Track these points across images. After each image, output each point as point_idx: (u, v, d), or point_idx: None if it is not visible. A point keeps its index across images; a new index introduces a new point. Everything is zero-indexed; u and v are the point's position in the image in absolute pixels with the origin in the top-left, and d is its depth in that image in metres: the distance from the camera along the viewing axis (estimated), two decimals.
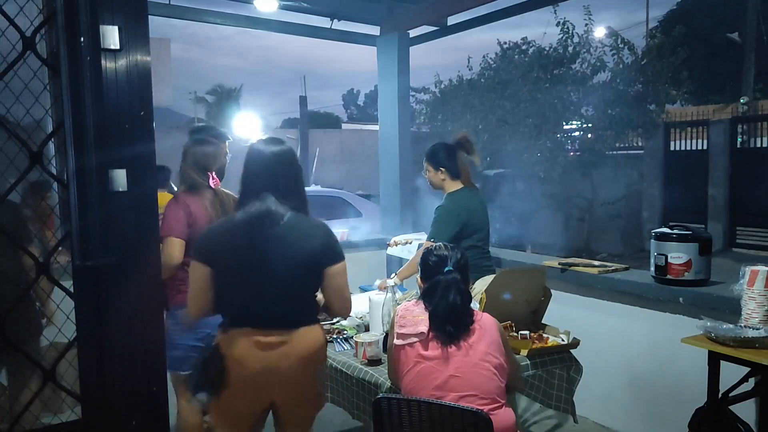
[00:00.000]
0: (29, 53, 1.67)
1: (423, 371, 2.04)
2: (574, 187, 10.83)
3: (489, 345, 2.06)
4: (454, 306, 2.08)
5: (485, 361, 2.03)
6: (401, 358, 2.12)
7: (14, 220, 2.25)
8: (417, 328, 2.08)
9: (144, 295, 1.73)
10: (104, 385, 1.68)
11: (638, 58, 9.91)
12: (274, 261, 2.01)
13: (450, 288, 2.09)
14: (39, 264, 1.75)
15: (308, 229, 2.08)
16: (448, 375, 2.01)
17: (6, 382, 2.48)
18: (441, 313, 2.07)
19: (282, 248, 2.02)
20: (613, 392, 3.45)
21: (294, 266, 2.03)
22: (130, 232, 1.69)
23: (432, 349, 2.06)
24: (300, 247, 2.04)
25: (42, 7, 1.74)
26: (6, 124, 1.69)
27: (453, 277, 2.11)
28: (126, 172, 1.66)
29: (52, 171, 1.79)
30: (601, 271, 3.50)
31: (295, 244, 2.03)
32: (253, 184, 2.08)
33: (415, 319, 2.10)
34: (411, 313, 2.14)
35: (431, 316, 2.09)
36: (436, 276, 2.14)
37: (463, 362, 2.02)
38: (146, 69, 1.69)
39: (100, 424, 1.69)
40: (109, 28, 1.63)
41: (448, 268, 2.13)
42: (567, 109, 10.11)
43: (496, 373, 2.04)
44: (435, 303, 2.10)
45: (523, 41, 10.70)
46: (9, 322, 1.70)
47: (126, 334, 1.69)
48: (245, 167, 2.12)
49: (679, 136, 11.83)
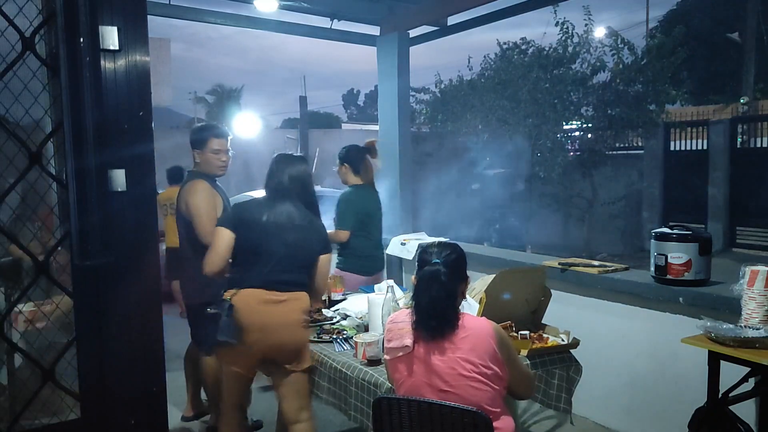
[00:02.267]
0: (29, 53, 1.67)
1: (412, 386, 2.01)
2: (574, 187, 10.83)
3: (478, 353, 1.98)
4: (438, 299, 2.01)
5: (476, 373, 1.97)
6: (392, 372, 2.11)
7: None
8: (402, 341, 2.04)
9: (143, 294, 1.73)
10: (103, 384, 1.68)
11: (638, 58, 9.92)
12: (282, 240, 2.58)
13: (434, 280, 2.02)
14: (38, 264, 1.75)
15: (311, 224, 2.69)
16: (438, 390, 1.97)
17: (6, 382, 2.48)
18: (424, 306, 2.02)
19: (289, 233, 2.60)
20: (613, 392, 3.45)
21: (296, 247, 2.60)
22: (129, 232, 1.69)
23: (421, 363, 2.01)
24: (303, 235, 2.63)
25: (41, 8, 1.74)
26: (5, 125, 1.69)
27: (437, 269, 2.03)
28: (125, 172, 1.66)
29: (51, 171, 1.79)
30: (601, 271, 3.50)
31: (300, 232, 2.63)
32: (280, 185, 2.69)
33: (401, 331, 2.06)
34: (397, 325, 2.09)
35: (415, 309, 2.04)
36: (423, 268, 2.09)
37: (453, 375, 1.97)
38: (145, 69, 1.70)
39: (99, 423, 1.69)
40: (109, 29, 1.64)
41: (435, 260, 2.06)
42: (567, 109, 10.11)
43: (488, 383, 1.98)
44: (419, 296, 2.05)
45: (523, 41, 10.70)
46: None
47: (125, 333, 1.70)
48: (274, 172, 2.72)
49: (679, 136, 11.83)
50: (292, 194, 2.66)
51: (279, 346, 2.56)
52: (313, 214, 2.71)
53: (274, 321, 2.52)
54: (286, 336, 2.56)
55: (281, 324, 2.54)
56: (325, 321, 3.09)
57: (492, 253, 4.74)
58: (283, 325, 2.54)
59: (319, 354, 2.68)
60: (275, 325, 2.53)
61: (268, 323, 2.51)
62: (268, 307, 2.52)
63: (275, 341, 2.54)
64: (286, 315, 2.55)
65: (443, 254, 2.10)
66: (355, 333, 2.85)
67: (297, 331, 2.58)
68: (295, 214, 2.64)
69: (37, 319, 1.95)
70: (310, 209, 2.70)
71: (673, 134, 11.85)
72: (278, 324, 2.53)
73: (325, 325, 3.01)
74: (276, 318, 2.53)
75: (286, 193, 2.66)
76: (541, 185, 10.71)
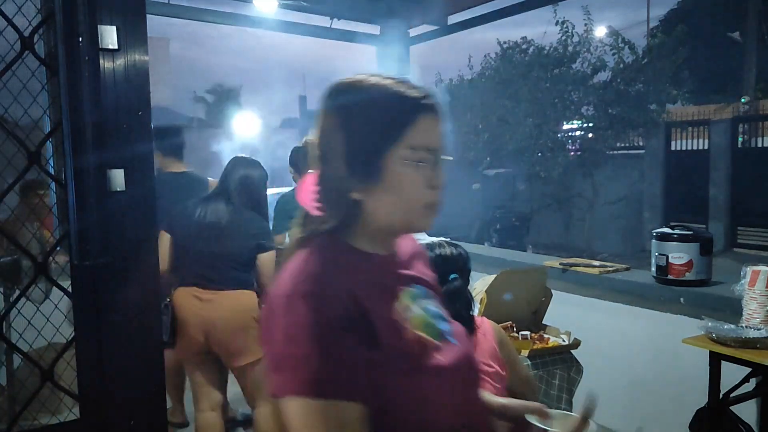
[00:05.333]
0: (27, 53, 1.66)
1: None
2: (575, 186, 10.82)
3: (484, 354, 1.97)
4: (462, 319, 1.95)
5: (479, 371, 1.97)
6: None
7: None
8: None
9: (142, 294, 1.72)
10: (102, 384, 1.67)
11: (639, 58, 9.91)
12: (212, 239, 2.65)
13: (456, 299, 1.92)
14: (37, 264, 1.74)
15: (247, 223, 2.72)
16: None
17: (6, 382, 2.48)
18: None
19: (219, 231, 2.66)
20: (614, 392, 3.44)
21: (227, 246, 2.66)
22: (128, 232, 1.69)
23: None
24: (235, 234, 2.68)
25: (40, 7, 1.73)
26: (4, 124, 1.68)
27: (458, 286, 1.95)
28: (124, 172, 1.65)
29: (49, 171, 1.78)
30: (602, 271, 3.49)
31: (231, 230, 2.67)
32: (225, 185, 2.76)
33: None
34: None
35: None
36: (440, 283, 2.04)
37: None
38: (144, 69, 1.69)
39: (99, 424, 1.69)
40: (107, 28, 1.63)
41: (453, 276, 1.97)
42: (567, 109, 10.11)
43: (491, 381, 1.96)
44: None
45: (523, 40, 10.70)
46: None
47: (124, 333, 1.69)
48: (226, 172, 2.80)
49: (680, 135, 11.81)
50: (235, 195, 2.72)
51: (216, 342, 2.66)
52: (258, 216, 2.77)
53: (206, 318, 2.62)
54: (221, 333, 2.64)
55: (214, 321, 2.62)
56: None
57: (492, 253, 4.73)
58: (215, 323, 2.62)
59: None
60: (208, 322, 2.62)
61: (200, 321, 2.62)
62: (200, 304, 2.62)
63: (211, 338, 2.65)
64: (217, 312, 2.62)
65: (458, 264, 2.03)
66: None
67: (230, 328, 2.64)
68: (228, 213, 2.69)
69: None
70: (256, 211, 2.77)
71: (674, 134, 11.83)
72: (211, 321, 2.62)
73: None
74: (209, 315, 2.61)
75: (230, 194, 2.72)
76: (541, 185, 10.71)
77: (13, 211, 1.94)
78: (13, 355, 2.31)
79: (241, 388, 2.84)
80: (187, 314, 2.64)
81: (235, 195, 2.74)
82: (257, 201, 2.82)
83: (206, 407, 2.77)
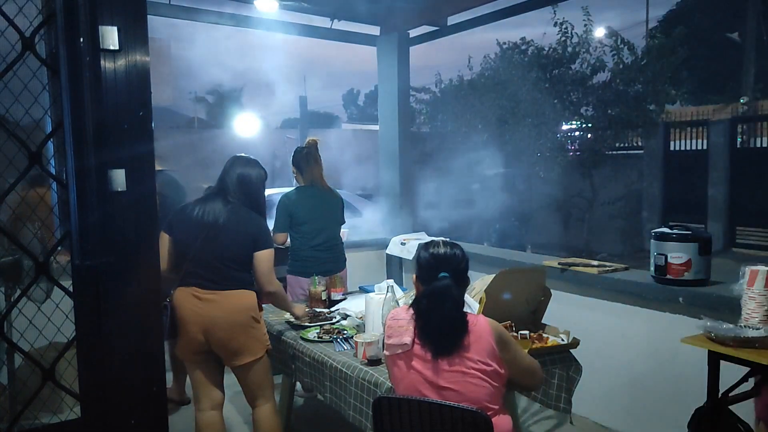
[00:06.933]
0: (28, 53, 1.67)
1: (411, 383, 2.01)
2: (574, 186, 10.83)
3: (480, 352, 1.97)
4: (450, 318, 1.96)
5: (475, 370, 1.95)
6: (393, 369, 2.09)
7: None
8: (402, 338, 2.01)
9: (143, 294, 1.73)
10: (103, 384, 1.68)
11: (638, 58, 9.90)
12: (209, 239, 2.65)
13: (444, 298, 1.97)
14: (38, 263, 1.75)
15: (244, 222, 2.72)
16: (437, 386, 1.96)
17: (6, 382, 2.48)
18: (434, 324, 1.97)
19: (216, 231, 2.66)
20: (613, 392, 3.45)
21: (224, 245, 2.67)
22: (129, 232, 1.69)
23: (420, 360, 1.99)
24: (232, 233, 2.68)
25: (41, 8, 1.74)
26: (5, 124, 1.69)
27: (446, 284, 1.98)
28: (125, 172, 1.66)
29: (51, 171, 1.79)
30: (601, 270, 3.50)
31: (228, 230, 2.68)
32: (223, 184, 2.77)
33: (401, 329, 2.03)
34: (397, 322, 2.06)
35: (423, 327, 1.99)
36: (429, 281, 2.02)
37: (452, 372, 1.95)
38: (145, 69, 1.69)
39: (100, 423, 1.69)
40: (109, 29, 1.63)
41: (443, 274, 2.00)
42: (567, 109, 10.10)
43: (487, 379, 1.97)
44: (426, 314, 1.99)
45: (523, 41, 10.70)
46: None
47: (125, 333, 1.70)
48: (224, 172, 2.81)
49: (679, 136, 11.82)
50: (232, 195, 2.73)
51: (216, 342, 2.67)
52: (256, 215, 2.77)
53: (206, 318, 2.64)
54: (221, 332, 2.65)
55: (214, 320, 2.64)
56: (325, 321, 3.10)
57: (492, 252, 4.74)
58: (215, 322, 2.64)
59: (320, 354, 2.68)
60: (208, 321, 2.64)
61: (200, 320, 2.64)
62: (200, 304, 2.64)
63: (211, 337, 2.66)
64: (217, 311, 2.64)
65: (451, 262, 2.05)
66: (355, 333, 2.85)
67: (230, 327, 2.65)
68: (225, 213, 2.69)
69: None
70: (255, 210, 2.78)
71: (673, 134, 11.85)
72: (211, 320, 2.64)
73: (325, 325, 3.01)
74: (209, 314, 2.63)
75: (227, 194, 2.73)
76: (540, 185, 10.71)
77: (14, 210, 1.95)
78: (15, 354, 2.31)
79: (241, 388, 2.84)
80: (187, 313, 2.65)
81: (234, 194, 2.75)
82: (256, 200, 2.82)
83: (207, 406, 2.78)
